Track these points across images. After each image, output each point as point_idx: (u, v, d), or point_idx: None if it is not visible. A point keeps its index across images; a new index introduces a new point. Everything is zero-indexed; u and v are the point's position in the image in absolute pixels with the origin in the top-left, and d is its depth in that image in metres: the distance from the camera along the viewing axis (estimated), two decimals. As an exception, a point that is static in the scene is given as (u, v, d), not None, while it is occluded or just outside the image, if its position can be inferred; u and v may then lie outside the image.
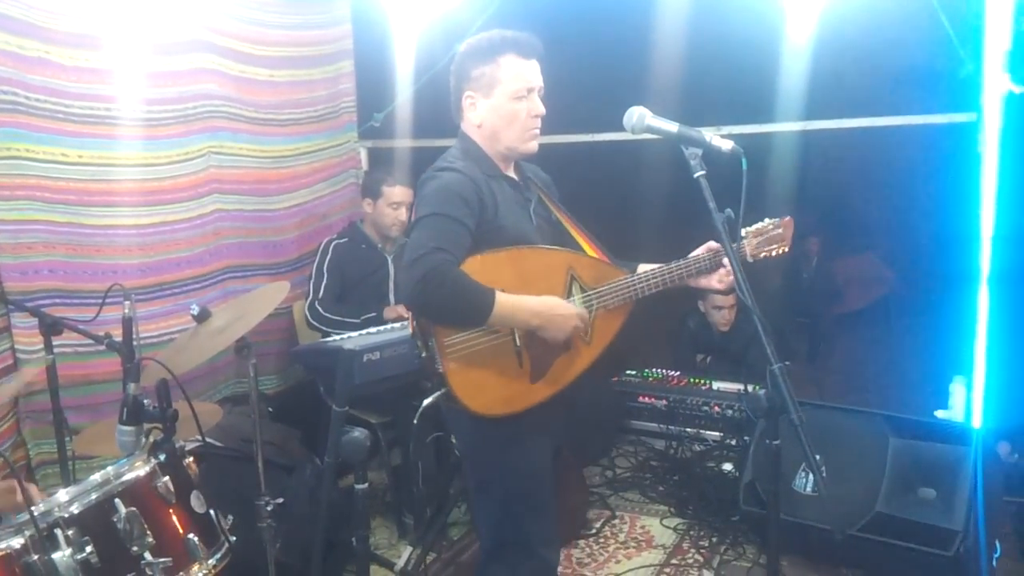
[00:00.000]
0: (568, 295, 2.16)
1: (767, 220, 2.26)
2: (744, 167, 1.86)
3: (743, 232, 2.19)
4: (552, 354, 2.13)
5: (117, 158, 3.16)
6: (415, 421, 2.24)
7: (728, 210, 1.87)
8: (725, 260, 2.18)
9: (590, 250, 2.27)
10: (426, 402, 2.12)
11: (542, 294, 2.10)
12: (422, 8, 4.05)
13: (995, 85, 3.07)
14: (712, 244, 2.22)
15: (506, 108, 2.14)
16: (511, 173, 2.25)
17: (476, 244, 2.06)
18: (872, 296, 4.87)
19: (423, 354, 2.08)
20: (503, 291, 2.02)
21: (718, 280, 2.23)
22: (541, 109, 2.17)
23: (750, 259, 2.22)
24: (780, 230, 2.26)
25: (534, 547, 2.21)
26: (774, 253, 2.25)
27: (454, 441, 2.47)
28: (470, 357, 2.04)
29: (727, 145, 1.90)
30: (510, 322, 2.04)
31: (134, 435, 1.94)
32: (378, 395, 3.17)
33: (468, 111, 2.19)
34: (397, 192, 3.67)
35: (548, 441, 2.25)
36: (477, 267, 2.02)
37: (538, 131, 2.19)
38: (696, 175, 1.89)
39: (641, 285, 2.20)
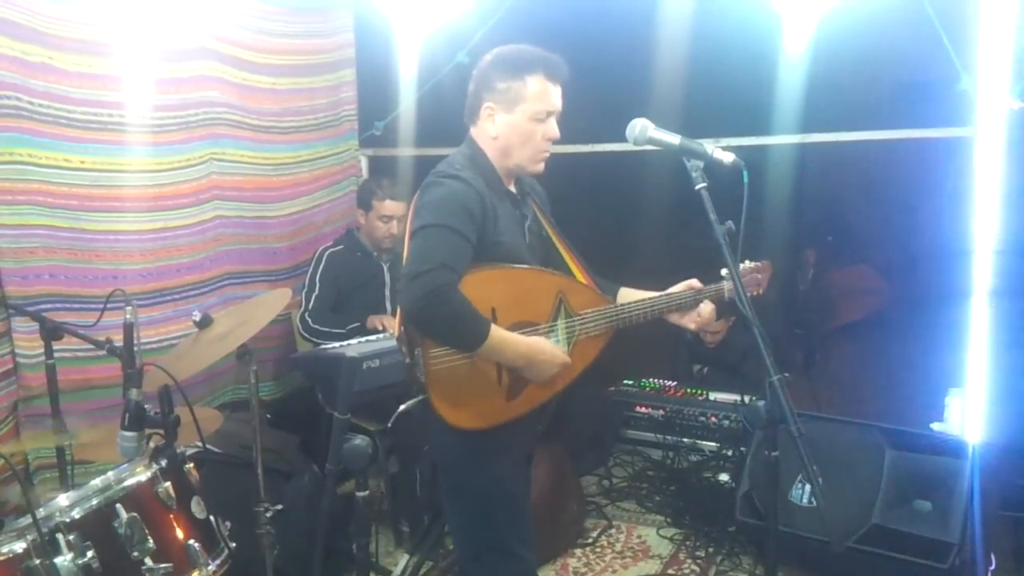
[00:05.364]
0: (555, 318, 2.18)
1: (748, 262, 2.36)
2: (745, 180, 1.88)
3: (722, 272, 2.25)
4: None
5: (119, 164, 3.17)
6: (389, 425, 2.26)
7: (729, 222, 1.88)
8: (701, 306, 2.29)
9: (576, 269, 2.31)
10: (402, 407, 2.15)
11: (528, 315, 2.13)
12: (425, 17, 4.07)
13: (994, 100, 3.09)
14: (693, 283, 2.30)
15: (524, 127, 2.14)
16: (511, 187, 2.27)
17: (473, 258, 2.07)
18: (868, 308, 4.87)
19: (407, 360, 2.10)
20: (494, 308, 2.05)
21: (692, 320, 2.30)
22: (556, 133, 2.18)
23: (727, 298, 2.29)
24: (757, 274, 2.38)
25: (511, 547, 2.22)
26: (749, 294, 2.30)
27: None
28: (453, 370, 2.05)
29: (728, 158, 1.91)
30: (497, 356, 2.06)
31: (136, 440, 1.94)
32: (376, 403, 3.17)
33: (485, 121, 2.18)
34: (387, 206, 3.66)
35: (521, 449, 2.29)
36: (472, 282, 2.02)
37: (548, 154, 2.21)
38: (698, 187, 1.91)
39: (624, 316, 2.26)
